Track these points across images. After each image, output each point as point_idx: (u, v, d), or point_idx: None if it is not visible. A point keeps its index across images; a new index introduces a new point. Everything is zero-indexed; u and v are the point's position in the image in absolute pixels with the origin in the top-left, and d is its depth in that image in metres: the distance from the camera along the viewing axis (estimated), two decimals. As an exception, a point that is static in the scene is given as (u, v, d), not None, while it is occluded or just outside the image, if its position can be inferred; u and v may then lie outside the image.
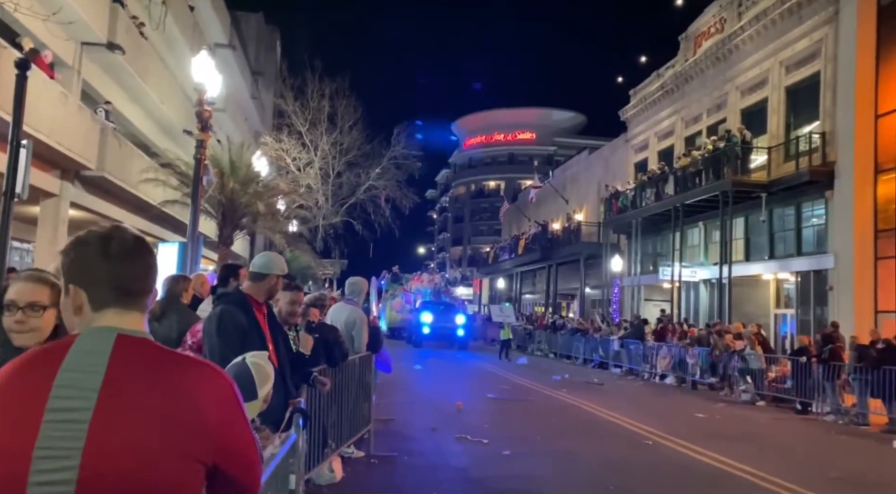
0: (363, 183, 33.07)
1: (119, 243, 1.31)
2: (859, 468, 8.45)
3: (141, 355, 1.24)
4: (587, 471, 7.41)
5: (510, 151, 72.18)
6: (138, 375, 1.21)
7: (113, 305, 1.29)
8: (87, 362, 1.20)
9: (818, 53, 18.75)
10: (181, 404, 1.20)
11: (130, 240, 1.33)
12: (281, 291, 4.89)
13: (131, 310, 1.30)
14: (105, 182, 15.97)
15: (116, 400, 1.16)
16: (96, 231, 1.34)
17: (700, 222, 23.32)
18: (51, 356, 1.23)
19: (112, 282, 1.29)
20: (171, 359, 1.27)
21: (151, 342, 1.29)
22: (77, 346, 1.23)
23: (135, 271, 1.31)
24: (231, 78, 24.94)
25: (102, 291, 1.28)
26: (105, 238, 1.31)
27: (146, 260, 1.34)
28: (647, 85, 29.54)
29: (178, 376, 1.23)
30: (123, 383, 1.19)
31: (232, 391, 1.29)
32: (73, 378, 1.18)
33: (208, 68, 10.93)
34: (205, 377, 1.26)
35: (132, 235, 1.35)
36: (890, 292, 16.25)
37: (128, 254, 1.31)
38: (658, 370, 18.81)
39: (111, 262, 1.29)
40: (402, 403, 11.40)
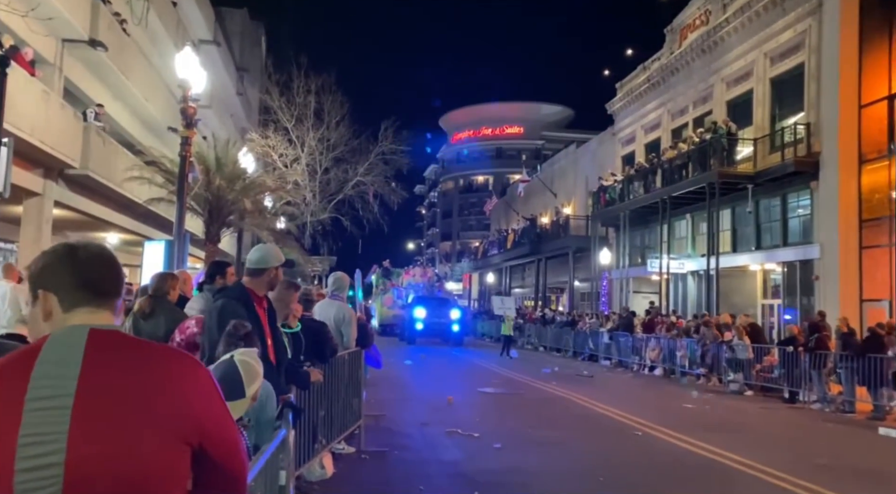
0: (351, 179, 33.00)
1: (84, 249, 1.36)
2: (845, 455, 8.55)
3: (115, 345, 1.27)
4: (577, 463, 7.44)
5: (498, 146, 72.16)
6: (115, 362, 1.23)
7: (83, 304, 1.31)
8: (63, 353, 1.22)
9: (802, 45, 18.88)
10: (160, 386, 1.23)
11: (95, 247, 1.39)
12: (284, 289, 4.87)
13: (102, 309, 1.33)
14: (89, 181, 15.81)
15: (96, 385, 1.18)
16: (62, 243, 1.41)
17: (687, 214, 23.45)
18: (24, 356, 1.24)
19: (81, 282, 1.32)
20: (145, 348, 1.31)
21: (124, 335, 1.33)
22: (51, 341, 1.25)
23: (103, 272, 1.35)
24: (216, 74, 24.74)
25: (72, 292, 1.31)
26: (71, 247, 1.37)
27: (112, 264, 1.39)
28: (633, 78, 29.62)
29: (154, 362, 1.26)
30: (101, 369, 1.20)
31: (209, 379, 1.32)
32: (50, 369, 1.20)
33: (193, 65, 10.84)
34: (182, 364, 1.30)
35: (96, 244, 1.42)
36: (875, 281, 16.44)
37: (94, 257, 1.36)
38: (647, 361, 18.93)
39: (79, 264, 1.33)
40: (392, 398, 11.40)
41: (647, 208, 24.33)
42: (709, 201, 19.98)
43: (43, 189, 14.56)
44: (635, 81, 29.28)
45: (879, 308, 15.78)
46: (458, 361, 20.90)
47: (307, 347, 5.60)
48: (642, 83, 28.42)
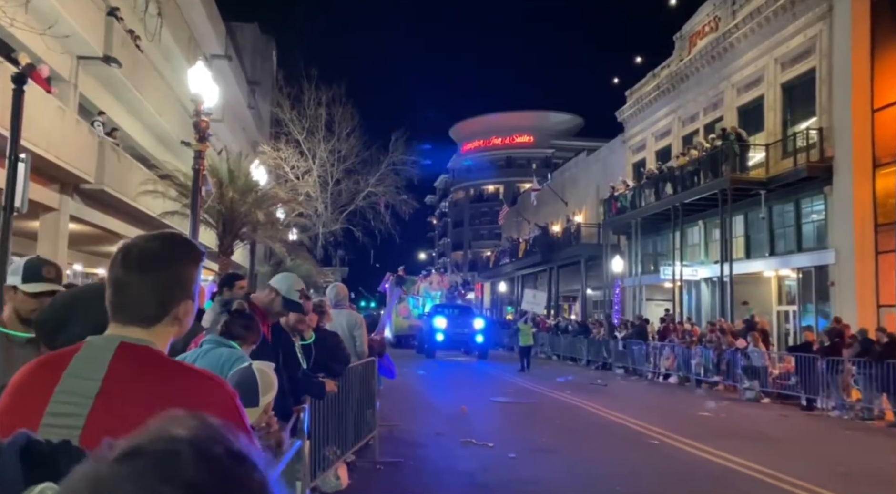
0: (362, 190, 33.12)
1: (135, 253, 1.29)
2: (867, 463, 8.42)
3: (140, 363, 1.24)
4: (594, 473, 7.39)
5: (508, 155, 72.22)
6: (135, 382, 1.21)
7: (112, 317, 1.30)
8: (88, 368, 1.22)
9: (813, 50, 18.79)
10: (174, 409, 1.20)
11: (141, 252, 1.29)
12: None
13: (129, 326, 1.28)
14: (104, 195, 15.99)
15: (110, 407, 1.18)
16: (139, 236, 1.35)
17: (700, 221, 23.31)
18: (60, 361, 1.25)
19: (109, 295, 1.30)
20: (170, 368, 1.26)
21: (153, 351, 1.27)
22: (81, 353, 1.26)
23: (130, 288, 1.28)
24: (228, 88, 24.99)
25: (107, 296, 1.30)
26: (126, 248, 1.31)
27: (147, 276, 1.28)
28: (642, 85, 29.59)
29: (175, 384, 1.23)
30: (119, 390, 1.20)
31: (233, 401, 1.26)
32: (72, 384, 1.21)
33: (205, 79, 10.96)
34: (204, 387, 1.25)
35: (148, 247, 1.30)
36: (891, 286, 16.23)
37: (128, 267, 1.28)
38: (661, 369, 18.78)
39: (112, 274, 1.30)
40: (406, 408, 11.38)
41: (658, 216, 24.22)
42: (721, 208, 19.87)
43: (59, 204, 14.74)
44: (645, 88, 29.25)
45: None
46: (472, 371, 20.81)
47: (321, 358, 5.62)
48: (652, 90, 28.38)
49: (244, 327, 3.40)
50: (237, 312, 3.43)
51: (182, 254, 1.32)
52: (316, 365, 5.49)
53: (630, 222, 26.36)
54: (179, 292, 1.30)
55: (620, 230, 28.45)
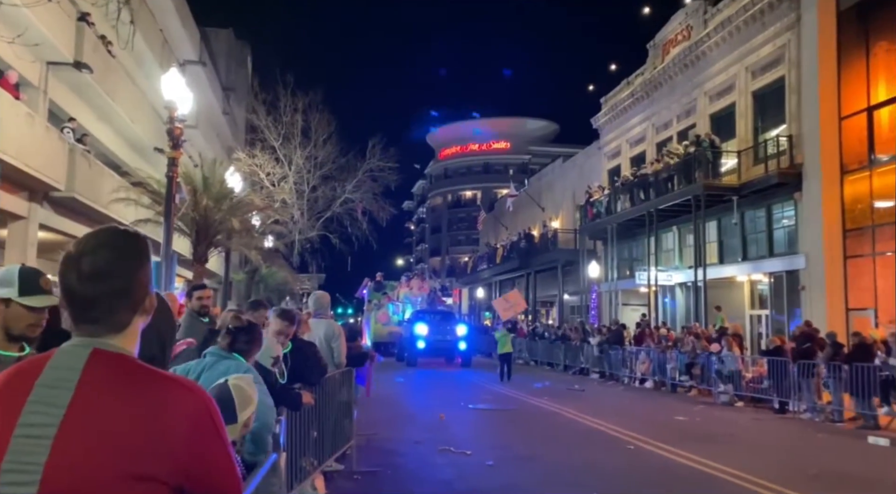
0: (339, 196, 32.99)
1: (87, 267, 1.24)
2: (836, 464, 8.58)
3: (114, 370, 1.22)
4: (571, 479, 7.42)
5: (485, 161, 72.50)
6: (108, 392, 1.19)
7: (79, 328, 1.26)
8: (60, 377, 1.20)
9: (782, 58, 19.19)
10: (147, 422, 1.17)
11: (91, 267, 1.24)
12: (274, 316, 4.93)
13: (98, 336, 1.25)
14: (75, 203, 15.72)
15: (82, 417, 1.16)
16: (80, 241, 1.29)
17: (674, 227, 23.62)
18: (32, 369, 1.23)
19: (72, 311, 1.26)
20: (145, 375, 1.23)
21: (127, 358, 1.25)
22: (53, 361, 1.23)
23: (93, 303, 1.24)
24: (202, 94, 24.74)
25: (70, 309, 1.26)
26: (75, 257, 1.26)
27: (108, 288, 1.24)
28: (617, 93, 29.95)
29: (150, 392, 1.21)
30: (91, 399, 1.18)
31: (207, 410, 1.23)
32: (44, 394, 1.19)
33: (179, 85, 10.86)
34: (179, 395, 1.22)
35: (99, 259, 1.25)
36: (859, 290, 16.60)
37: (86, 282, 1.24)
38: (637, 374, 18.95)
39: (69, 290, 1.25)
40: (384, 417, 11.32)
41: (634, 221, 24.49)
42: (695, 214, 20.16)
43: (28, 212, 14.45)
44: (619, 95, 29.60)
45: (865, 317, 15.92)
46: (451, 378, 20.76)
47: (297, 368, 5.58)
48: (626, 98, 28.73)
49: (247, 342, 3.48)
50: (238, 329, 3.51)
51: (132, 253, 1.29)
52: (292, 375, 5.45)
53: (606, 228, 26.61)
54: (142, 291, 1.29)
55: (597, 236, 28.71)
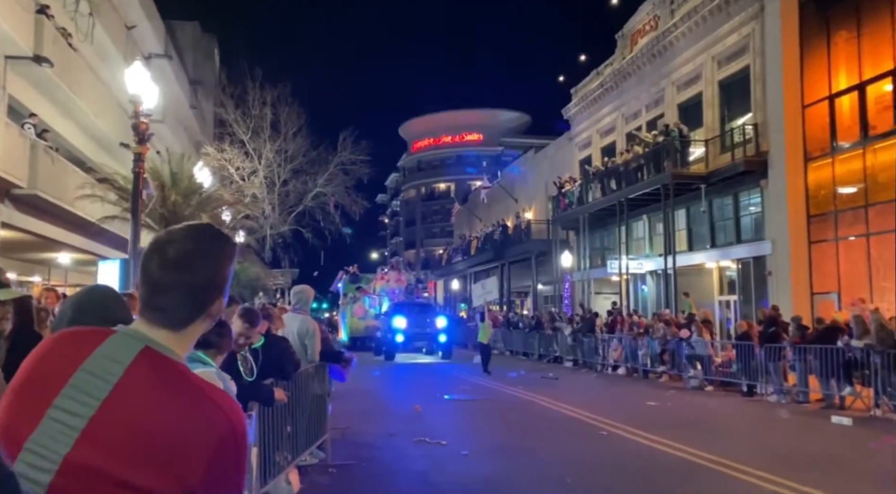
0: (310, 190, 32.74)
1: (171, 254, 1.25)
2: (800, 444, 8.82)
3: (157, 375, 1.20)
4: (544, 466, 7.51)
5: (458, 153, 72.49)
6: (144, 396, 1.17)
7: (143, 314, 1.26)
8: (104, 368, 1.19)
9: (747, 48, 19.50)
10: (172, 439, 1.15)
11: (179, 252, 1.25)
12: (236, 316, 4.84)
13: (160, 328, 1.24)
14: (38, 200, 15.36)
15: (112, 417, 1.15)
16: (172, 229, 1.30)
17: (644, 215, 23.92)
18: (82, 346, 1.22)
19: (143, 295, 1.26)
20: (185, 386, 1.21)
21: (175, 364, 1.23)
22: (103, 347, 1.21)
23: (168, 290, 1.24)
24: (168, 88, 24.31)
25: (142, 292, 1.26)
26: (163, 242, 1.26)
27: (187, 278, 1.24)
28: (587, 83, 30.15)
29: (182, 407, 1.18)
30: (126, 400, 1.16)
31: (234, 438, 1.21)
32: (85, 381, 1.17)
33: (143, 79, 10.68)
34: (211, 417, 1.19)
35: (185, 248, 1.25)
36: (824, 275, 17.02)
37: (166, 269, 1.24)
38: (610, 361, 19.21)
39: (148, 274, 1.25)
40: (359, 410, 11.32)
41: (605, 211, 24.74)
42: (664, 202, 20.43)
43: (-11, 211, 14.10)
44: (589, 86, 29.80)
45: (829, 301, 16.34)
46: (430, 371, 20.75)
47: (270, 363, 5.55)
48: (596, 88, 28.94)
49: (218, 334, 3.35)
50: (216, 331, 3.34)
51: (219, 252, 1.29)
52: (264, 370, 5.42)
53: (578, 218, 26.84)
54: (215, 292, 1.28)
55: (569, 226, 28.95)
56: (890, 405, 10.89)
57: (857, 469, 7.35)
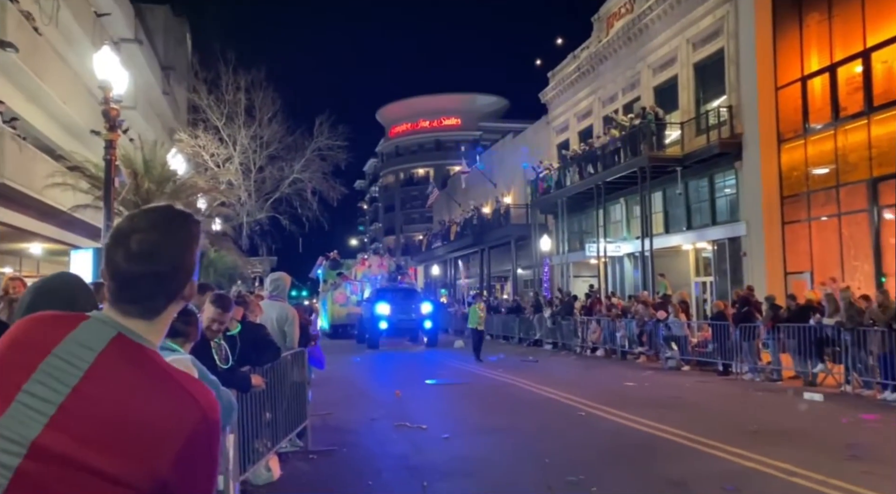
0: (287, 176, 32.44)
1: (136, 245, 1.21)
2: (773, 420, 9.02)
3: (129, 362, 1.18)
4: (524, 447, 7.59)
5: (436, 138, 72.22)
6: (115, 384, 1.16)
7: (115, 305, 1.23)
8: (76, 353, 1.17)
9: (721, 30, 19.62)
10: (143, 429, 1.13)
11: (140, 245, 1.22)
12: (208, 303, 4.76)
13: (130, 317, 1.22)
14: (6, 190, 15.02)
15: (82, 404, 1.13)
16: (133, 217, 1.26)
17: (621, 199, 24.09)
18: (54, 330, 1.20)
19: (112, 288, 1.23)
20: (157, 375, 1.19)
21: (147, 352, 1.21)
22: (76, 333, 1.19)
23: (136, 283, 1.22)
24: (139, 73, 23.83)
25: (110, 286, 1.24)
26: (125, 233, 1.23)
27: (155, 268, 1.22)
28: (564, 67, 30.14)
29: (154, 396, 1.16)
30: (97, 388, 1.15)
31: (207, 428, 1.19)
32: (56, 366, 1.16)
33: (112, 64, 10.44)
34: (183, 406, 1.18)
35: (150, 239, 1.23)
36: (797, 254, 17.32)
37: (133, 261, 1.22)
38: (589, 343, 19.41)
39: (113, 266, 1.22)
40: (340, 397, 11.31)
41: (583, 195, 24.88)
42: (641, 185, 20.59)
43: (-45, 201, 13.76)
44: (566, 69, 29.80)
45: (802, 280, 16.64)
46: (413, 358, 20.72)
47: (247, 350, 5.52)
48: (573, 72, 28.95)
49: (185, 322, 3.31)
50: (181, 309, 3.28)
51: (185, 235, 1.27)
52: (242, 357, 5.39)
53: (556, 202, 26.96)
54: (184, 276, 1.26)
55: (547, 210, 29.07)
56: (860, 381, 11.16)
57: (827, 443, 7.53)
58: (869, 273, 15.10)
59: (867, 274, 15.14)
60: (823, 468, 6.22)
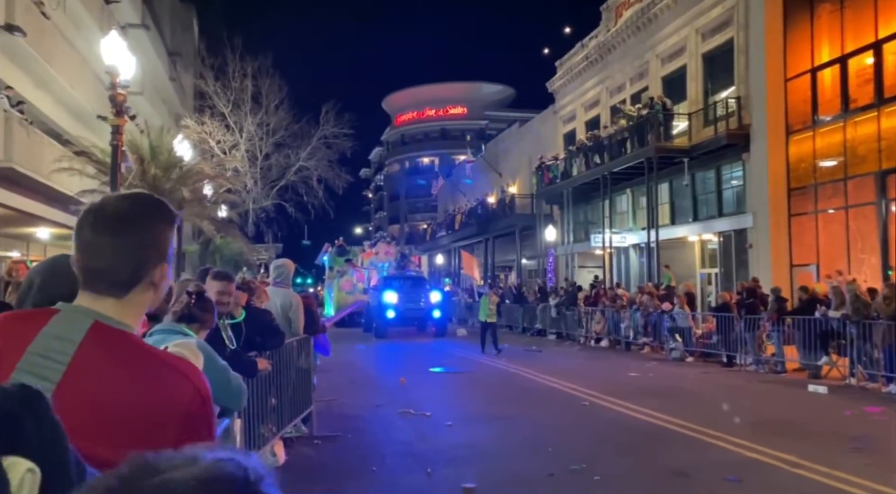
0: (293, 164, 32.45)
1: (106, 213, 1.20)
2: (776, 411, 9.03)
3: (112, 349, 1.16)
4: (527, 436, 7.63)
5: (442, 127, 71.96)
6: (102, 373, 1.14)
7: (84, 285, 1.21)
8: (54, 348, 1.14)
9: (731, 21, 19.44)
10: (137, 411, 1.13)
11: (113, 212, 1.20)
12: (209, 279, 4.78)
13: (102, 296, 1.19)
14: (13, 174, 15.07)
15: (71, 397, 1.11)
16: (106, 196, 1.26)
17: (627, 189, 24.01)
18: (24, 327, 1.17)
19: (79, 260, 1.21)
20: (141, 356, 1.19)
21: (127, 336, 1.20)
22: (50, 327, 1.16)
23: (102, 251, 1.18)
24: (146, 59, 23.80)
25: (79, 261, 1.21)
26: (97, 206, 1.22)
27: (121, 239, 1.19)
28: (572, 56, 29.94)
29: (144, 375, 1.16)
30: (85, 379, 1.13)
31: (201, 399, 1.20)
32: (35, 364, 1.13)
33: (120, 50, 10.43)
34: (173, 380, 1.18)
35: (120, 208, 1.21)
36: (803, 247, 17.26)
37: (100, 230, 1.19)
38: (593, 333, 19.43)
39: (82, 237, 1.20)
40: (345, 383, 11.39)
41: (588, 185, 24.79)
42: (647, 176, 20.50)
43: (-37, 185, 13.83)
44: (574, 58, 29.61)
45: (808, 272, 16.59)
46: (413, 344, 20.83)
47: (252, 335, 5.55)
48: (581, 61, 28.77)
49: (202, 308, 3.31)
50: (197, 294, 3.30)
51: (155, 214, 1.25)
52: (247, 343, 5.42)
53: (562, 192, 26.89)
54: (155, 255, 1.23)
55: (553, 200, 29.00)
56: (865, 373, 11.15)
57: (830, 435, 7.54)
58: (876, 266, 15.03)
59: (874, 267, 15.07)
60: (827, 460, 6.23)
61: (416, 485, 5.81)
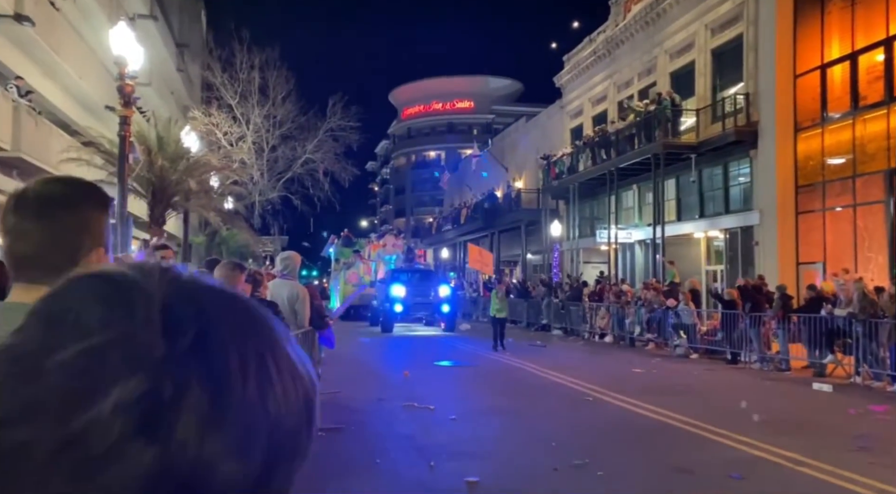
0: (299, 157, 32.47)
1: (30, 197, 1.14)
2: (781, 409, 9.02)
3: None
4: (530, 431, 7.64)
5: (449, 120, 71.84)
6: None
7: (15, 276, 1.17)
8: None
9: (741, 16, 19.30)
10: None
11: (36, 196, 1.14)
12: (217, 269, 4.81)
13: (35, 284, 1.14)
14: (22, 163, 15.14)
15: None
16: (31, 181, 1.20)
17: (634, 185, 23.93)
18: None
19: (5, 248, 1.16)
20: None
21: None
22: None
23: (28, 235, 1.13)
24: (154, 50, 23.80)
25: (8, 249, 1.16)
26: (19, 193, 1.16)
27: (46, 222, 1.13)
28: (579, 50, 29.80)
29: None
30: None
31: None
32: None
33: (128, 40, 10.45)
34: None
35: (46, 190, 1.16)
36: (810, 245, 17.18)
37: (25, 214, 1.14)
38: (597, 329, 19.42)
39: (7, 223, 1.15)
40: (348, 375, 11.41)
41: (595, 180, 24.72)
42: (654, 172, 20.42)
43: (-28, 174, 13.90)
44: (582, 53, 29.47)
45: (814, 270, 16.52)
46: (419, 338, 20.87)
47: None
48: (588, 56, 28.63)
49: None
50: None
51: (85, 197, 1.19)
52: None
53: (568, 188, 26.82)
54: (88, 239, 1.17)
55: (559, 195, 28.93)
56: (870, 372, 11.11)
57: (835, 433, 7.53)
58: (883, 265, 14.95)
59: (881, 266, 14.99)
60: (831, 458, 6.23)
61: (419, 478, 5.84)
